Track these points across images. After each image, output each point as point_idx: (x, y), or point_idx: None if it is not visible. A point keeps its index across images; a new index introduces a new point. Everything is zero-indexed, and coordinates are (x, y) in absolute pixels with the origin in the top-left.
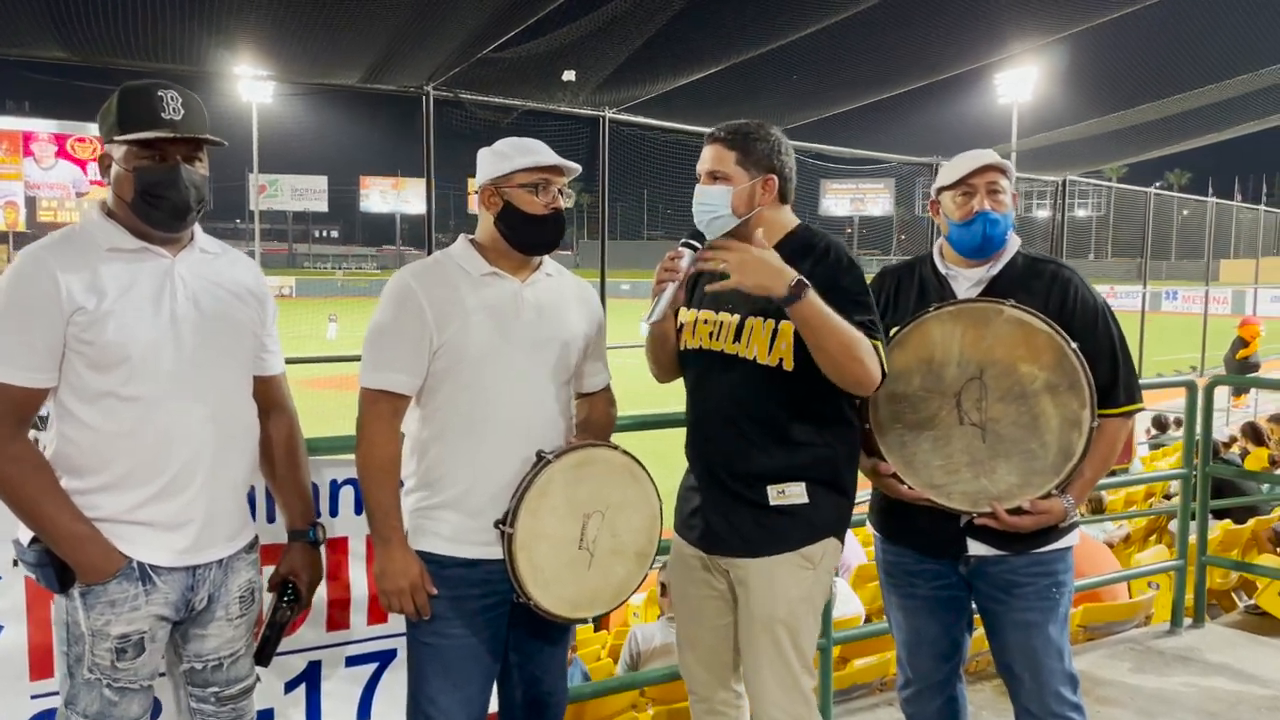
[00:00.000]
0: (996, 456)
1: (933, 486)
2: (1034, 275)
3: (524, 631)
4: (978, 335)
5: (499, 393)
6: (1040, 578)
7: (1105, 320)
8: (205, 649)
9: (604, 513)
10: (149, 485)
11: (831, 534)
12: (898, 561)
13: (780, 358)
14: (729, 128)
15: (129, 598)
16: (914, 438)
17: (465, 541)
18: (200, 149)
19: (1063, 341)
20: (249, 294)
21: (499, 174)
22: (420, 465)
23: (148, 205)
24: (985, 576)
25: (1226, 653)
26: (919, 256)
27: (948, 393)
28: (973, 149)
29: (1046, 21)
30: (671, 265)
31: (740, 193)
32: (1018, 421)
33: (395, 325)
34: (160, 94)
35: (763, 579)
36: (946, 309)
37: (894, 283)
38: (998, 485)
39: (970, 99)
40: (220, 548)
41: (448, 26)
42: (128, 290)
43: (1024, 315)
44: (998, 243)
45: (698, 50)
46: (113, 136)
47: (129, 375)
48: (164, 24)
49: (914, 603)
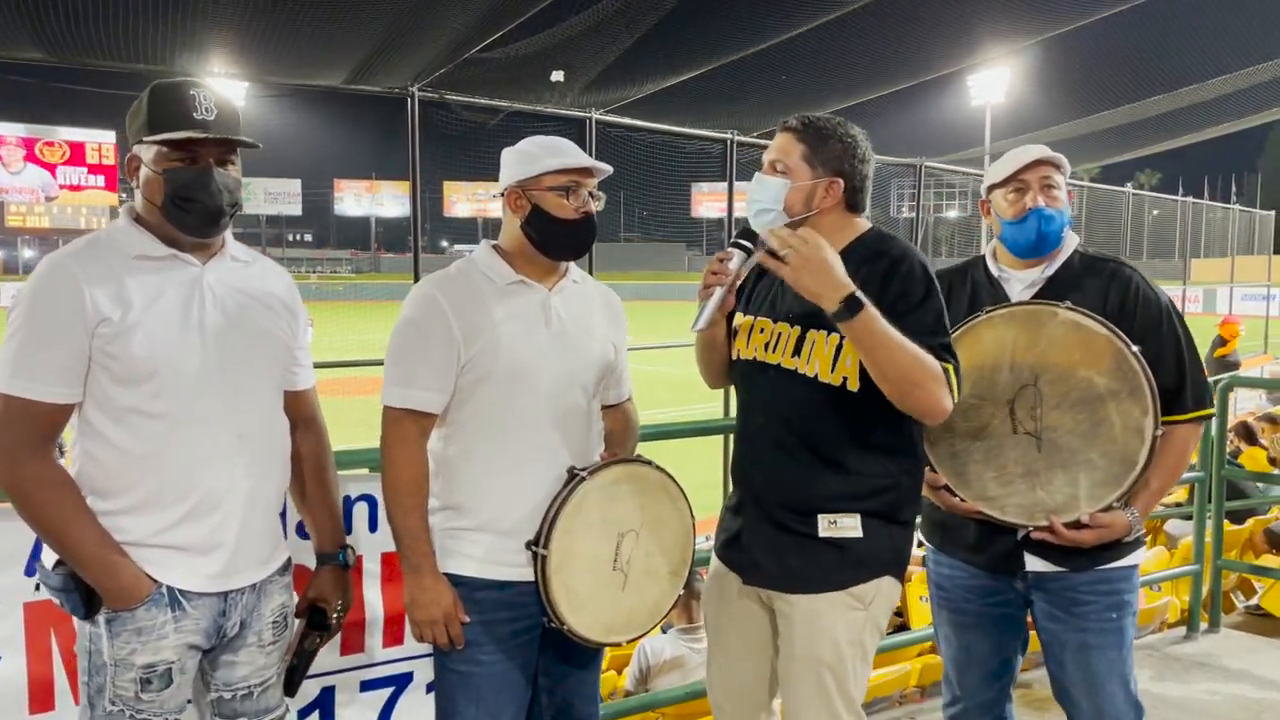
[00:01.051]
0: (1053, 467)
1: (986, 499)
2: (1092, 274)
3: (554, 655)
4: (1031, 339)
5: (529, 407)
6: (1103, 596)
7: (1170, 320)
8: (235, 677)
9: (638, 531)
10: (177, 506)
11: (888, 573)
12: (950, 575)
13: (845, 376)
14: (804, 118)
15: (156, 625)
16: (966, 448)
17: (496, 563)
18: (233, 151)
19: (1122, 344)
20: (280, 304)
21: (526, 176)
22: (447, 484)
23: (179, 209)
24: (1044, 593)
25: (1245, 658)
26: (972, 259)
27: (1000, 400)
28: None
29: (1021, 27)
30: (720, 268)
31: (798, 190)
32: (1075, 430)
33: (420, 340)
34: (193, 92)
35: (807, 618)
36: (998, 312)
37: (945, 287)
38: (1055, 497)
39: (944, 102)
40: (254, 571)
41: (433, 27)
42: (155, 300)
43: (1080, 317)
44: (1053, 241)
45: (685, 51)
46: (142, 137)
47: (156, 390)
48: (139, 25)
49: (965, 619)
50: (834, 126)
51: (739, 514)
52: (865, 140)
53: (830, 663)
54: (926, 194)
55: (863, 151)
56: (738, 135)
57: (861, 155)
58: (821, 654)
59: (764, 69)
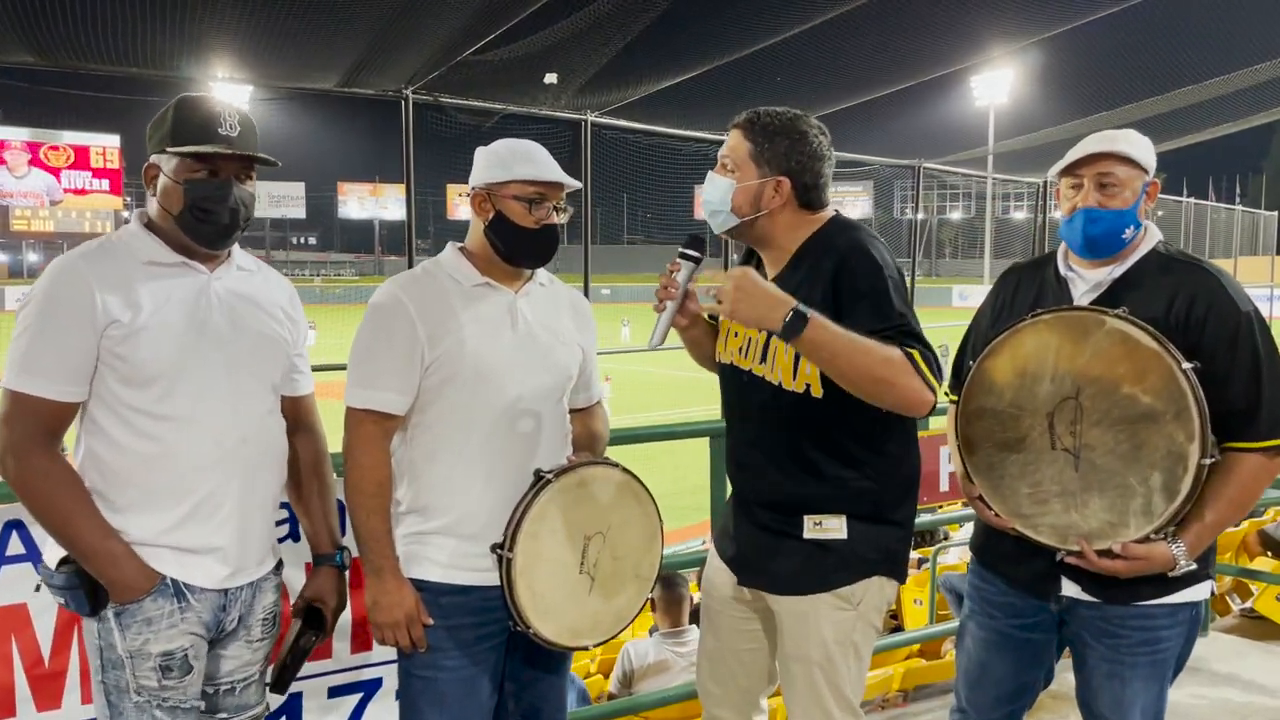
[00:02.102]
0: (1090, 489)
1: (1020, 515)
2: (1164, 276)
3: (521, 659)
4: (1075, 349)
5: (494, 409)
6: (1137, 631)
7: (1249, 332)
8: (220, 671)
9: (605, 534)
10: (179, 506)
11: (879, 572)
12: (983, 588)
13: (807, 383)
14: (754, 113)
15: (165, 614)
16: (1002, 460)
17: (461, 567)
18: (251, 167)
19: (1172, 360)
20: (283, 313)
21: (494, 180)
22: (411, 488)
23: (195, 220)
24: (1077, 619)
25: (1234, 662)
26: (1049, 254)
27: (1039, 412)
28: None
29: (1022, 25)
30: (669, 281)
31: (744, 190)
32: (1115, 451)
33: (385, 341)
34: (218, 109)
35: (794, 619)
36: (1044, 316)
37: (1014, 284)
38: (1089, 522)
39: (948, 102)
40: (252, 570)
41: (427, 29)
42: (163, 305)
43: (1129, 328)
44: (1106, 243)
45: (679, 53)
46: (164, 147)
47: (162, 393)
48: (139, 29)
49: (987, 635)
50: (783, 122)
51: (733, 511)
52: (820, 135)
53: (820, 662)
54: (929, 195)
55: (814, 148)
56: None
57: (813, 152)
58: (810, 654)
59: (760, 70)
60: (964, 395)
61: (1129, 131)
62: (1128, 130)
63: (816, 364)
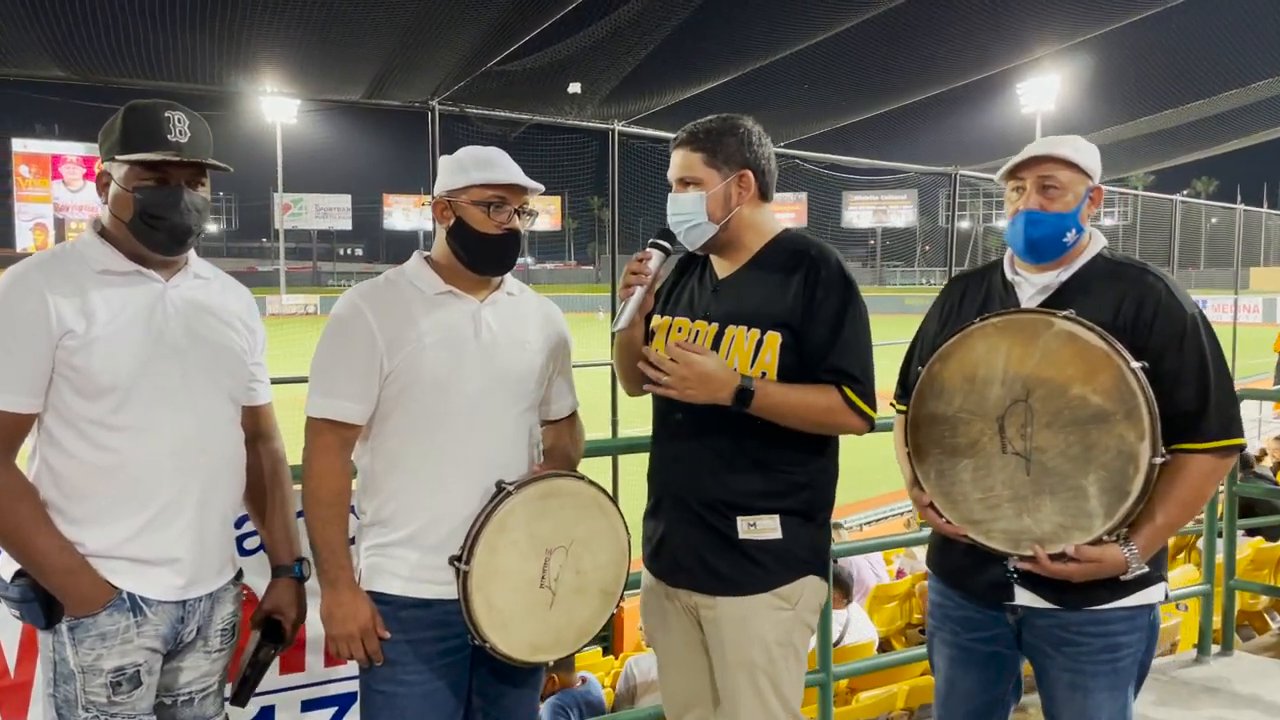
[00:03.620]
0: (1041, 492)
1: (971, 522)
2: (1110, 280)
3: (488, 674)
4: (1025, 351)
5: (455, 420)
6: (1096, 638)
7: (1195, 334)
8: (178, 682)
9: (568, 548)
10: (136, 517)
11: (810, 571)
12: (942, 603)
13: (764, 370)
14: (692, 128)
15: (120, 630)
16: (953, 465)
17: (422, 580)
18: (203, 173)
19: (1120, 361)
20: (239, 321)
21: (453, 187)
22: (372, 499)
23: (147, 227)
24: (1033, 630)
25: (1256, 683)
26: (995, 262)
27: (990, 416)
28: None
29: (1067, 23)
30: (639, 268)
31: (714, 196)
32: (1066, 453)
33: (343, 350)
34: (167, 114)
35: (735, 623)
36: (993, 320)
37: (960, 291)
38: (1042, 525)
39: (993, 108)
40: (211, 581)
41: (451, 39)
42: (118, 315)
43: (1077, 329)
44: (1047, 246)
45: (704, 61)
46: (114, 155)
47: (118, 403)
48: (188, 45)
49: (951, 651)
50: (723, 123)
51: (659, 518)
52: (757, 126)
53: (763, 665)
54: (975, 203)
55: (758, 137)
56: None
57: (758, 141)
58: (754, 658)
59: (786, 78)
60: (913, 402)
61: (1074, 137)
62: (1073, 136)
63: (766, 418)
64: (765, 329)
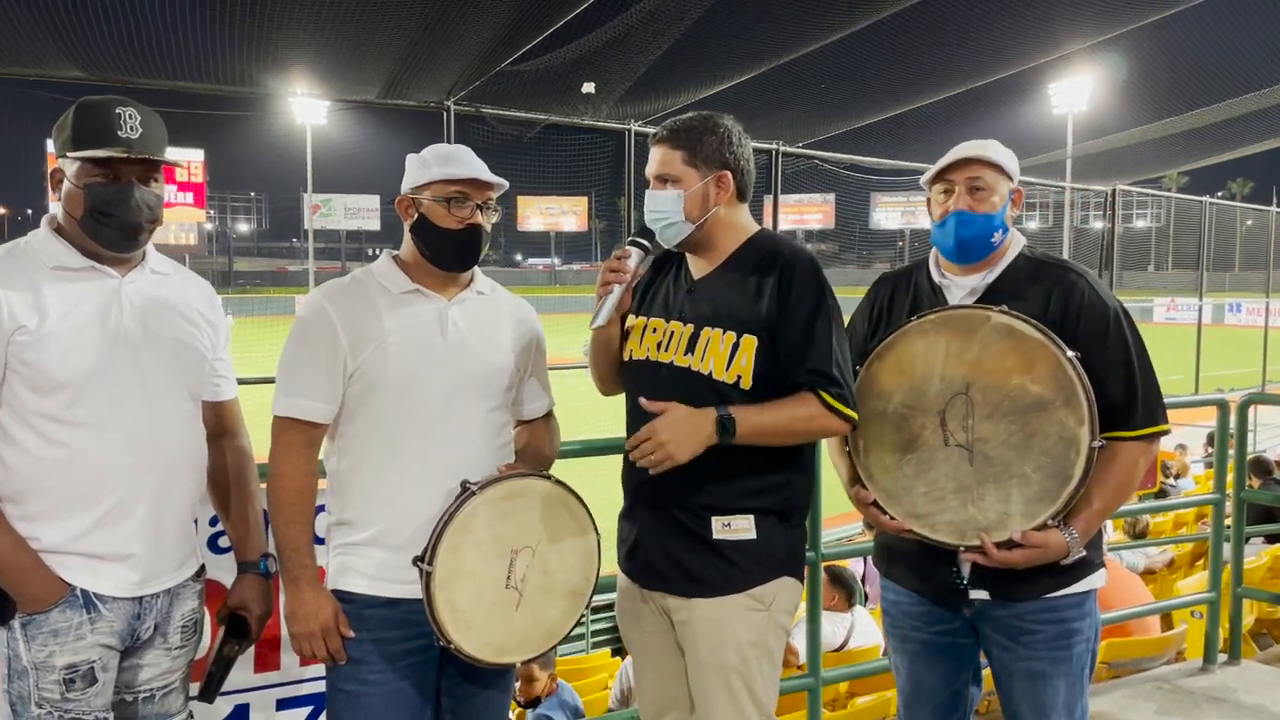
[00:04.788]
0: (985, 482)
1: (916, 516)
2: (1035, 280)
3: (457, 675)
4: (963, 345)
5: (421, 419)
6: (1050, 625)
7: (1119, 327)
8: (139, 680)
9: (534, 548)
10: (88, 514)
11: (785, 573)
12: (895, 601)
13: (739, 374)
14: (673, 124)
15: (72, 626)
16: (895, 462)
17: (387, 580)
18: (157, 169)
19: (1057, 350)
20: (200, 316)
21: (416, 183)
22: (338, 499)
23: (97, 224)
24: (989, 621)
25: (1262, 693)
26: (918, 262)
27: (930, 410)
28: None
29: (1099, 16)
30: (618, 265)
31: (692, 195)
32: (1008, 442)
33: (306, 349)
34: (118, 111)
35: (709, 625)
36: (929, 318)
37: (888, 292)
38: (987, 514)
39: (1023, 108)
40: (168, 577)
41: (465, 37)
42: (71, 311)
43: (1013, 321)
44: (978, 246)
45: (719, 60)
46: (66, 151)
47: (71, 399)
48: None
49: (912, 647)
50: (703, 121)
51: (633, 520)
52: (737, 125)
53: (737, 667)
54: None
55: (738, 137)
56: (782, 146)
57: (738, 141)
58: (727, 660)
59: (803, 77)
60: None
61: (993, 141)
62: (992, 140)
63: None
64: (741, 332)
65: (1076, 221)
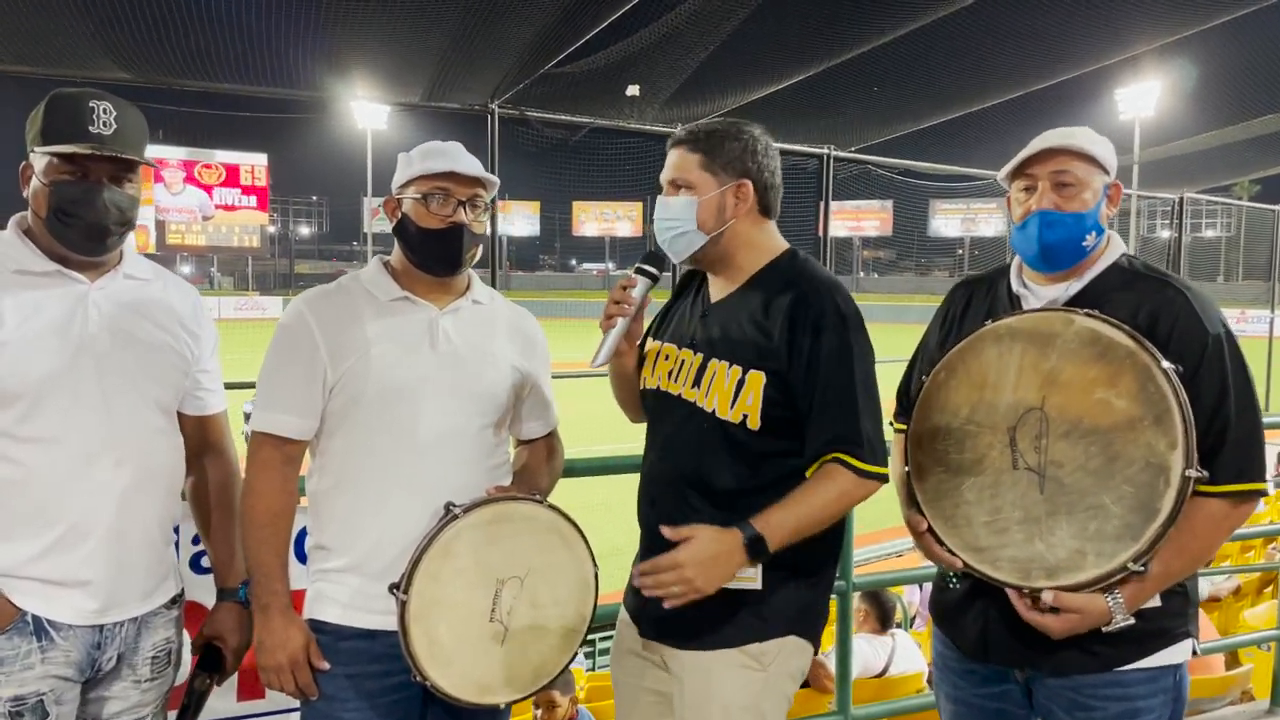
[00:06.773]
0: (1057, 513)
1: (975, 549)
2: (1126, 290)
3: (443, 714)
4: (1041, 353)
5: (406, 437)
6: (1112, 702)
7: (1218, 356)
8: (104, 713)
9: (523, 579)
10: (41, 537)
11: (793, 631)
12: (944, 653)
13: (745, 413)
14: (693, 127)
15: (20, 655)
16: (956, 485)
17: (362, 609)
18: (131, 168)
19: (1149, 358)
20: (179, 325)
21: (399, 182)
22: (317, 521)
23: (61, 224)
24: (1043, 690)
25: None
26: (1000, 268)
27: (1000, 427)
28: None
29: (1168, 18)
30: (623, 297)
31: (707, 203)
32: (1086, 466)
33: (286, 361)
34: (92, 104)
35: (697, 678)
36: (1005, 321)
37: (964, 298)
38: (1055, 552)
39: (1088, 113)
40: (133, 605)
41: (506, 41)
42: (30, 318)
43: (1100, 325)
44: (1066, 251)
45: (766, 63)
46: (34, 146)
47: (24, 413)
48: (284, 51)
49: (956, 706)
50: (726, 126)
51: (643, 557)
52: (765, 136)
53: None
54: None
55: (764, 147)
56: (834, 150)
57: (764, 151)
58: (711, 718)
59: (856, 80)
60: (915, 416)
61: (1084, 128)
62: (1083, 126)
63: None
64: (747, 367)
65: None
